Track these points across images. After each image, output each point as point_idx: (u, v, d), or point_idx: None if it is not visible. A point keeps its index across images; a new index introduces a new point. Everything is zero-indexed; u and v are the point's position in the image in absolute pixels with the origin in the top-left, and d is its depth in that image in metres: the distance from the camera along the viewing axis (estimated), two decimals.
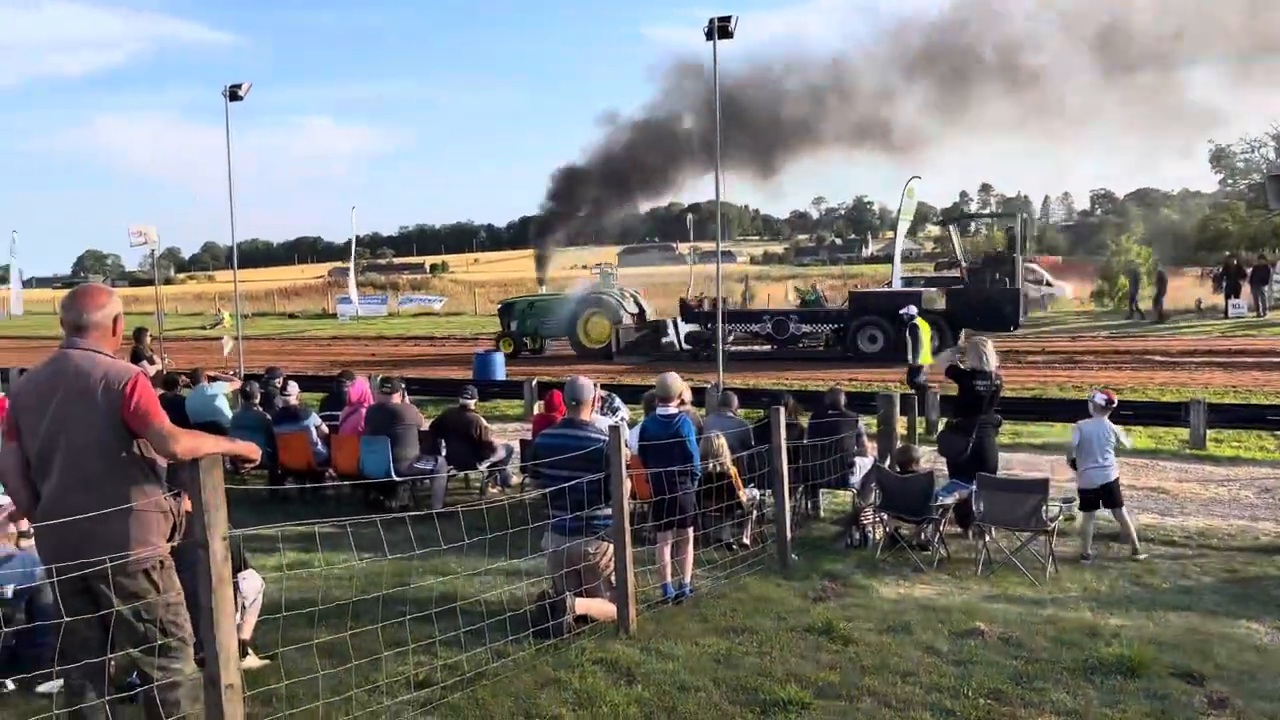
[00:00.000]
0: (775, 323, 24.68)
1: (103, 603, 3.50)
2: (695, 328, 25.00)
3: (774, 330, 24.63)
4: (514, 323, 28.21)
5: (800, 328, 24.19)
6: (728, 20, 13.69)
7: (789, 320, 24.61)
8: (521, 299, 30.50)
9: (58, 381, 3.52)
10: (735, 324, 25.06)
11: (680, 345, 25.21)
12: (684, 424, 6.63)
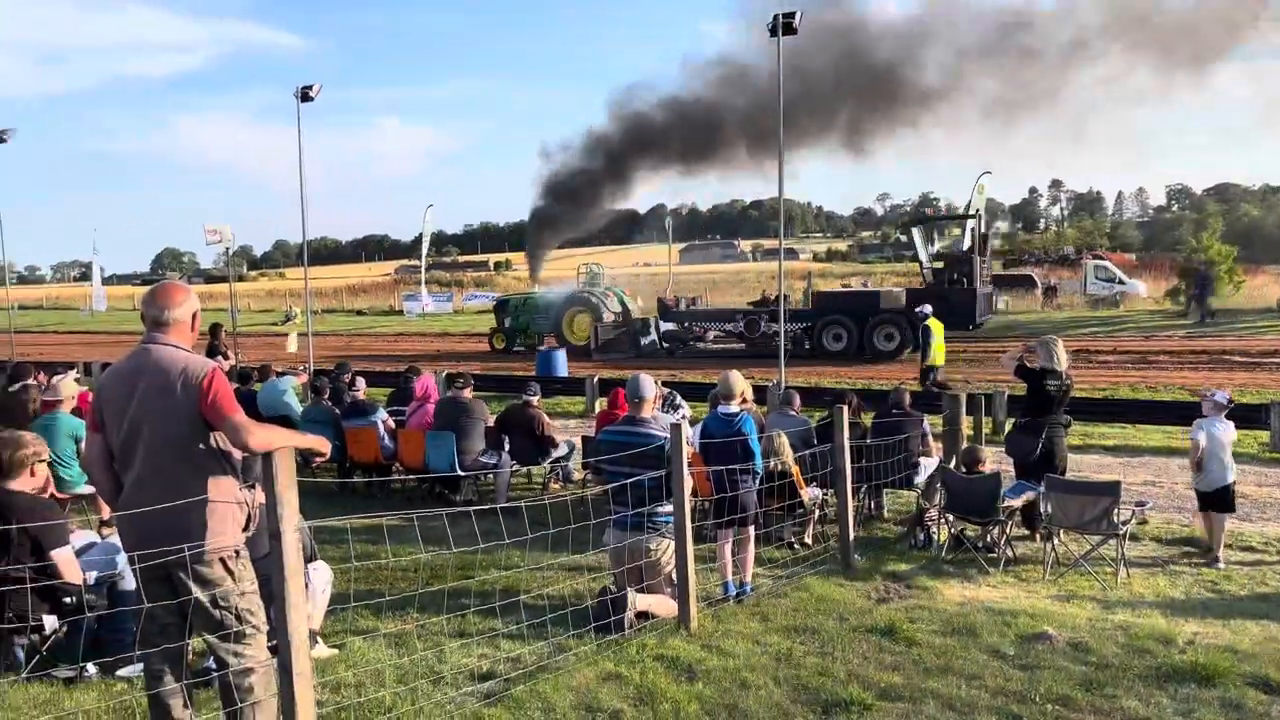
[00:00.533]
0: (747, 322, 25.67)
1: (181, 590, 3.62)
2: (673, 326, 26.31)
3: (746, 329, 25.62)
4: (508, 320, 29.27)
5: (771, 326, 24.50)
6: (792, 16, 13.59)
7: (760, 319, 25.40)
8: (515, 297, 31.62)
9: (139, 375, 3.64)
10: (711, 323, 26.42)
11: (659, 343, 26.07)
12: (746, 422, 6.61)
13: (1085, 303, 38.99)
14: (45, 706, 4.51)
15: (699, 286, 58.98)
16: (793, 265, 75.22)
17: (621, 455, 5.89)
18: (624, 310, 28.11)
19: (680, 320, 26.50)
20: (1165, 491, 9.94)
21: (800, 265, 78.39)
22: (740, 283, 53.39)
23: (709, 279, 65.86)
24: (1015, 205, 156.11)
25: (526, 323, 29.01)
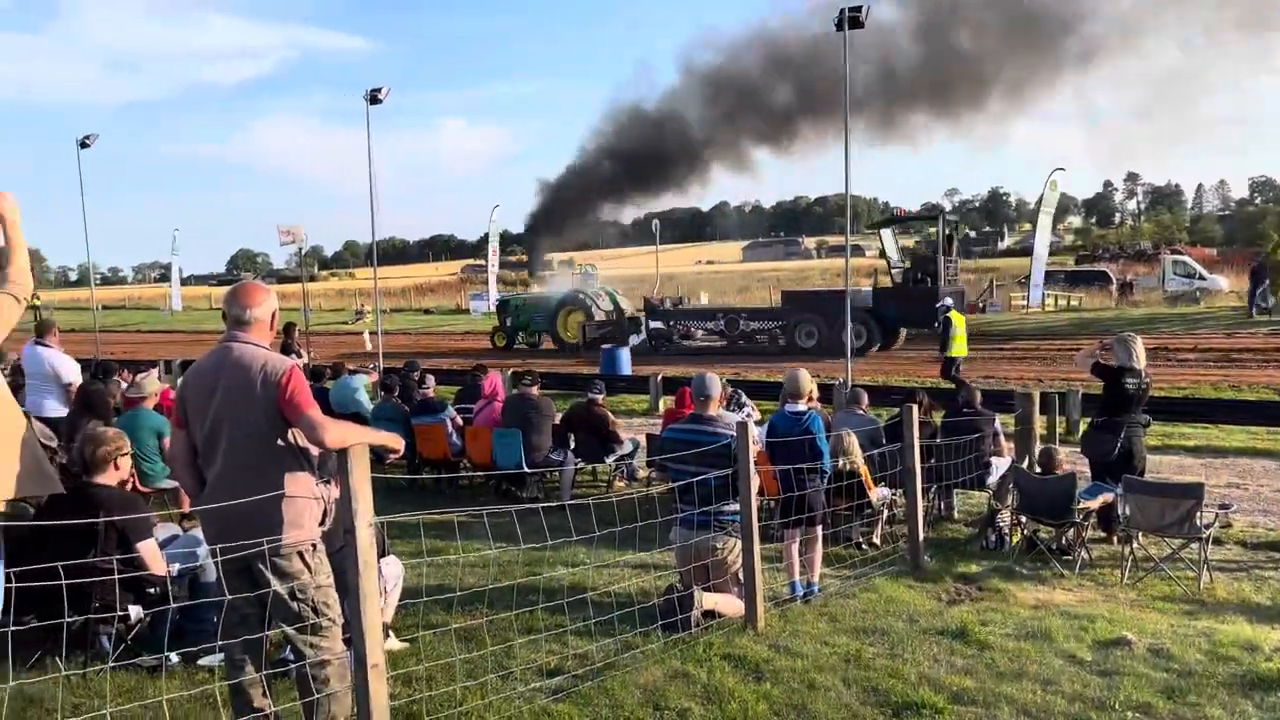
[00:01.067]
0: (727, 320, 26.69)
1: (260, 582, 3.71)
2: (659, 325, 27.34)
3: (725, 327, 26.59)
4: (509, 319, 30.21)
5: (749, 325, 26.19)
6: (859, 10, 13.42)
7: (739, 318, 26.62)
8: (516, 296, 32.53)
9: (221, 373, 3.74)
10: (694, 321, 27.63)
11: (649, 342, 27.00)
12: (814, 421, 6.56)
13: (1163, 299, 37.87)
14: (131, 694, 4.66)
15: (762, 285, 58.62)
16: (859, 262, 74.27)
17: (688, 454, 5.88)
18: (617, 309, 28.93)
19: (666, 319, 27.58)
20: (1250, 494, 9.60)
21: (866, 262, 77.46)
22: (804, 280, 52.93)
23: (772, 276, 65.39)
24: (1089, 199, 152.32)
25: (526, 321, 30.00)
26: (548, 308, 29.41)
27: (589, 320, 27.98)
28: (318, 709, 3.79)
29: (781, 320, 25.84)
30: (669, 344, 26.96)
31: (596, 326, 27.77)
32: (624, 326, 27.67)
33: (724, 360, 23.61)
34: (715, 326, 26.92)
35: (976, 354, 23.39)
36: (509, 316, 30.30)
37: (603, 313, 28.47)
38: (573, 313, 28.61)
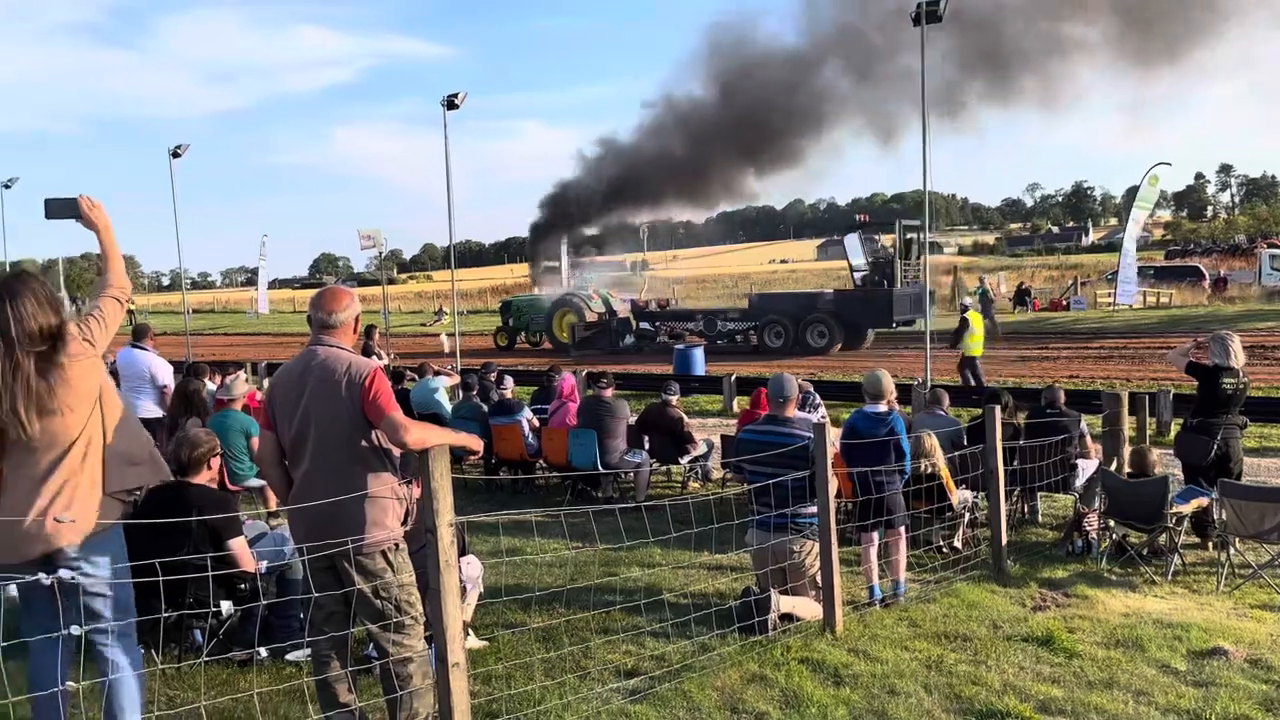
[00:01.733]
0: (706, 321, 27.96)
1: (345, 580, 3.80)
2: (646, 326, 28.83)
3: (705, 327, 27.76)
4: (511, 320, 31.52)
5: (725, 325, 27.46)
6: (937, 3, 13.18)
7: (716, 319, 27.83)
8: (518, 299, 33.79)
9: (307, 376, 3.84)
10: (676, 322, 28.77)
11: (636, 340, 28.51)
12: (897, 422, 6.47)
13: (1260, 295, 36.35)
14: (223, 687, 4.81)
15: (838, 283, 57.93)
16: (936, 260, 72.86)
17: (765, 455, 5.84)
18: (609, 311, 29.91)
19: (651, 320, 29.05)
20: None
21: (944, 259, 75.94)
22: None
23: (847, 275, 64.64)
24: (1179, 192, 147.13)
25: (526, 322, 31.19)
26: (545, 309, 30.66)
27: (580, 321, 29.11)
28: (401, 706, 3.86)
29: (753, 321, 26.88)
30: (652, 343, 28.19)
31: (585, 327, 28.97)
32: (613, 328, 28.94)
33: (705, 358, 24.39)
34: (696, 327, 28.05)
35: (1060, 352, 22.78)
36: (511, 318, 31.55)
37: (595, 314, 29.54)
38: (566, 314, 29.68)
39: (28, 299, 3.38)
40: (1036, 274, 58.50)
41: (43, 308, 3.40)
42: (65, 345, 3.44)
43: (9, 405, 3.32)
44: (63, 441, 3.43)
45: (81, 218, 3.69)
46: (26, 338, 3.35)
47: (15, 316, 3.34)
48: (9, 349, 3.33)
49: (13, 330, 3.33)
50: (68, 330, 3.47)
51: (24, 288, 3.40)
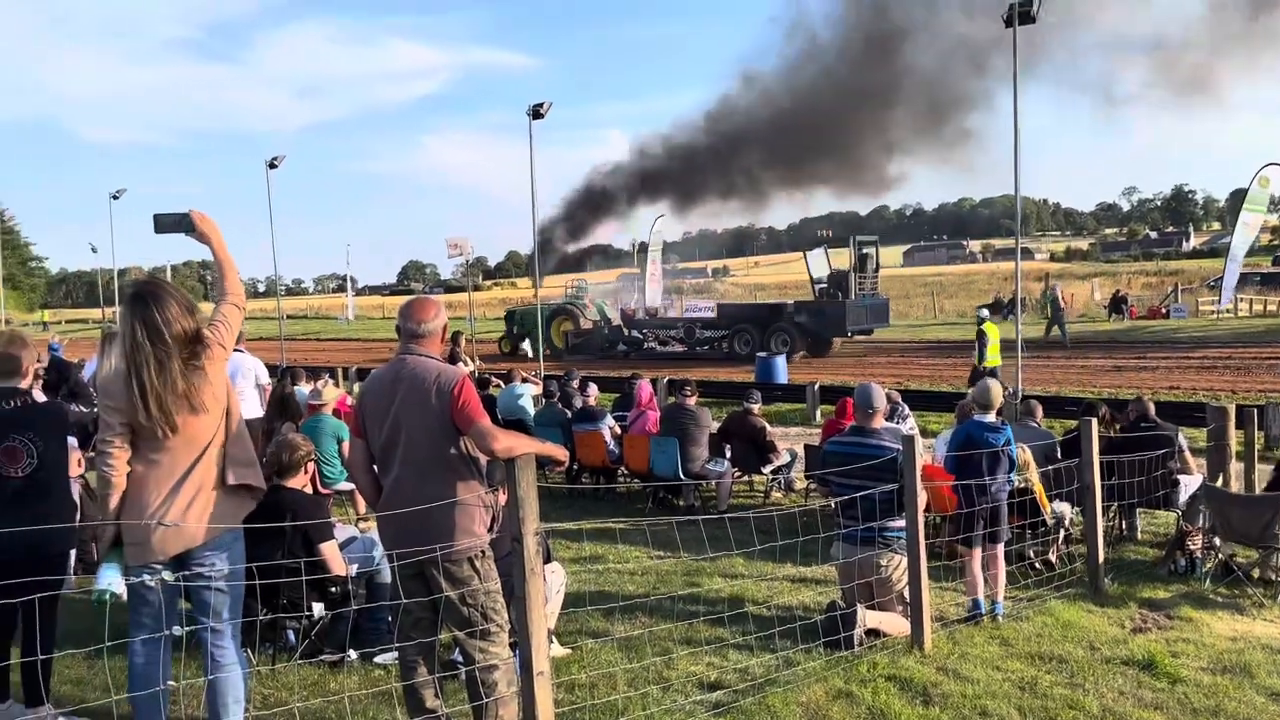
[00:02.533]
0: (685, 329, 29.71)
1: (434, 587, 3.85)
2: (635, 333, 30.61)
3: (684, 335, 29.55)
4: (514, 327, 33.24)
5: (703, 333, 29.05)
6: (1030, 4, 12.83)
7: (695, 327, 29.52)
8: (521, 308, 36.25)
9: (398, 384, 3.91)
10: (661, 330, 30.60)
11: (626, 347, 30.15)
12: (1009, 433, 6.33)
13: None
14: (314, 688, 4.92)
15: (924, 290, 56.87)
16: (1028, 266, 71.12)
17: (851, 468, 5.74)
18: (604, 319, 32.28)
19: (639, 328, 31.00)
20: None
21: (1036, 265, 74.04)
22: (968, 285, 50.92)
23: (935, 281, 63.37)
24: None
25: (528, 329, 32.06)
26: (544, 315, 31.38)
27: (574, 329, 31.25)
28: (486, 712, 3.89)
29: (725, 330, 28.62)
30: (639, 349, 30.25)
31: (577, 334, 31.11)
32: (603, 334, 30.89)
33: (681, 363, 26.78)
34: (677, 334, 29.96)
35: (1159, 362, 21.96)
36: (514, 325, 33.37)
37: (590, 322, 31.86)
38: (563, 322, 31.79)
39: (171, 303, 3.56)
40: (1133, 281, 56.53)
41: (184, 311, 3.58)
42: (207, 348, 3.61)
43: (157, 404, 3.48)
44: (200, 441, 3.61)
45: (192, 231, 3.82)
46: (173, 340, 3.52)
47: (164, 320, 3.51)
48: (157, 350, 3.49)
49: (163, 333, 3.50)
50: (204, 333, 3.63)
51: (166, 293, 3.59)
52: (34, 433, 4.16)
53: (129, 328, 3.53)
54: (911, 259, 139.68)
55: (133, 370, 3.49)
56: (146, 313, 3.52)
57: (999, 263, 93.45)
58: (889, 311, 28.20)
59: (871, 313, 27.56)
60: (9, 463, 4.06)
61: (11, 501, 4.08)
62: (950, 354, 26.39)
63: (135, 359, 3.49)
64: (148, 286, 3.61)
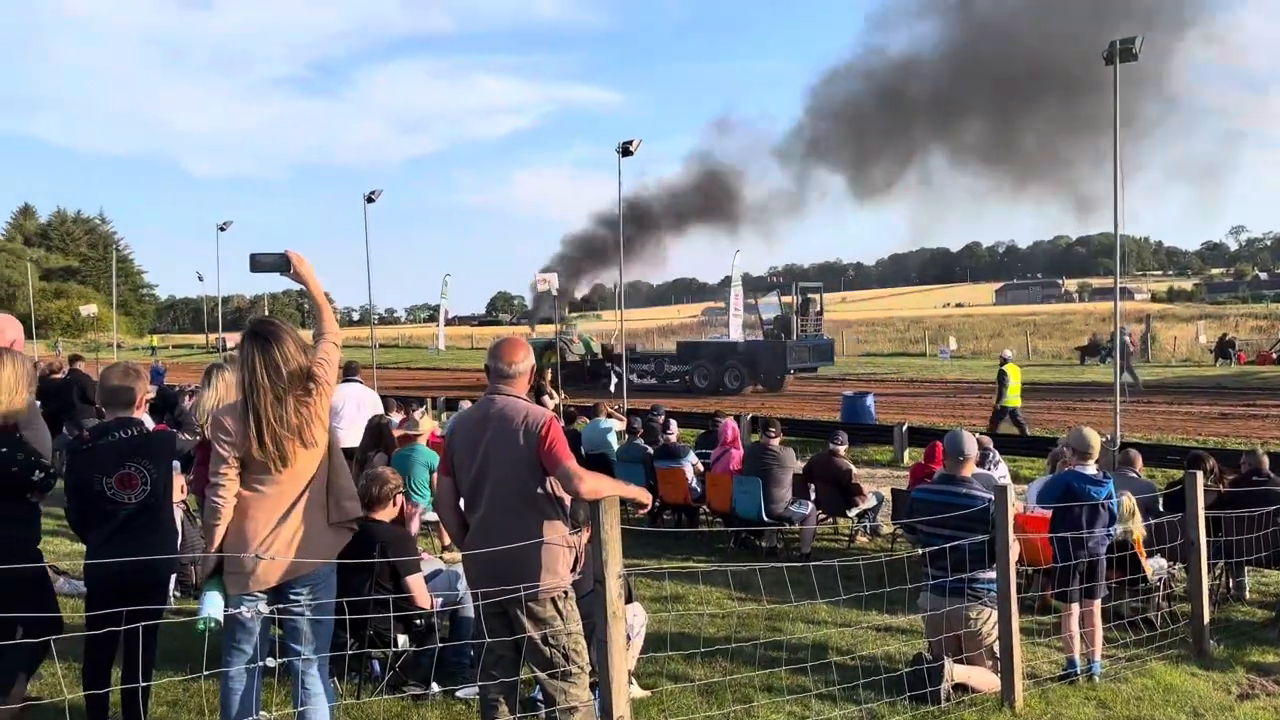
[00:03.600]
0: (656, 364, 32.53)
1: (517, 626, 3.87)
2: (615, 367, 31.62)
3: (655, 369, 32.28)
4: None
5: (670, 368, 31.86)
6: (1131, 42, 12.51)
7: (664, 362, 32.48)
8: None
9: (486, 423, 3.97)
10: (639, 365, 32.32)
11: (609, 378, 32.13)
12: (1111, 486, 6.12)
13: None
14: (397, 719, 4.98)
15: (1018, 329, 55.41)
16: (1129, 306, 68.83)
17: (941, 517, 5.60)
18: (589, 353, 35.38)
19: (618, 361, 31.64)
20: None
21: (1136, 306, 71.56)
22: (1063, 325, 49.41)
23: (1028, 321, 61.74)
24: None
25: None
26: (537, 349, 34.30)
27: (561, 361, 32.84)
28: None
29: (687, 365, 31.44)
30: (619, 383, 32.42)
31: (562, 367, 32.77)
32: (587, 367, 34.04)
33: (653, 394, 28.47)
34: (649, 368, 32.53)
35: (1270, 410, 20.98)
36: None
37: (576, 356, 34.54)
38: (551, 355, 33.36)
39: (288, 341, 3.74)
40: (1241, 324, 54.19)
41: (299, 350, 3.75)
42: (317, 385, 3.77)
43: (271, 437, 3.65)
44: (306, 475, 3.77)
45: (288, 271, 3.97)
46: (289, 377, 3.69)
47: (281, 357, 3.69)
48: (274, 386, 3.66)
49: (280, 369, 3.68)
50: (315, 371, 3.79)
51: (283, 332, 3.77)
52: (148, 460, 4.34)
53: (248, 363, 3.70)
54: (1004, 297, 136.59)
55: (249, 404, 3.66)
56: (265, 350, 3.69)
57: (1096, 302, 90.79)
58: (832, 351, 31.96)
59: (814, 352, 30.89)
60: (123, 489, 4.24)
61: (123, 527, 4.25)
62: (1045, 397, 25.67)
63: (252, 394, 3.66)
64: (266, 325, 3.79)
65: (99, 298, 78.73)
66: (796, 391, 29.93)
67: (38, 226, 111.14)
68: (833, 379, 32.89)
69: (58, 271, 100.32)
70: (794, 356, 30.11)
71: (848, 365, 40.26)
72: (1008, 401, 17.76)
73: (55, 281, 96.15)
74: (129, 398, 4.49)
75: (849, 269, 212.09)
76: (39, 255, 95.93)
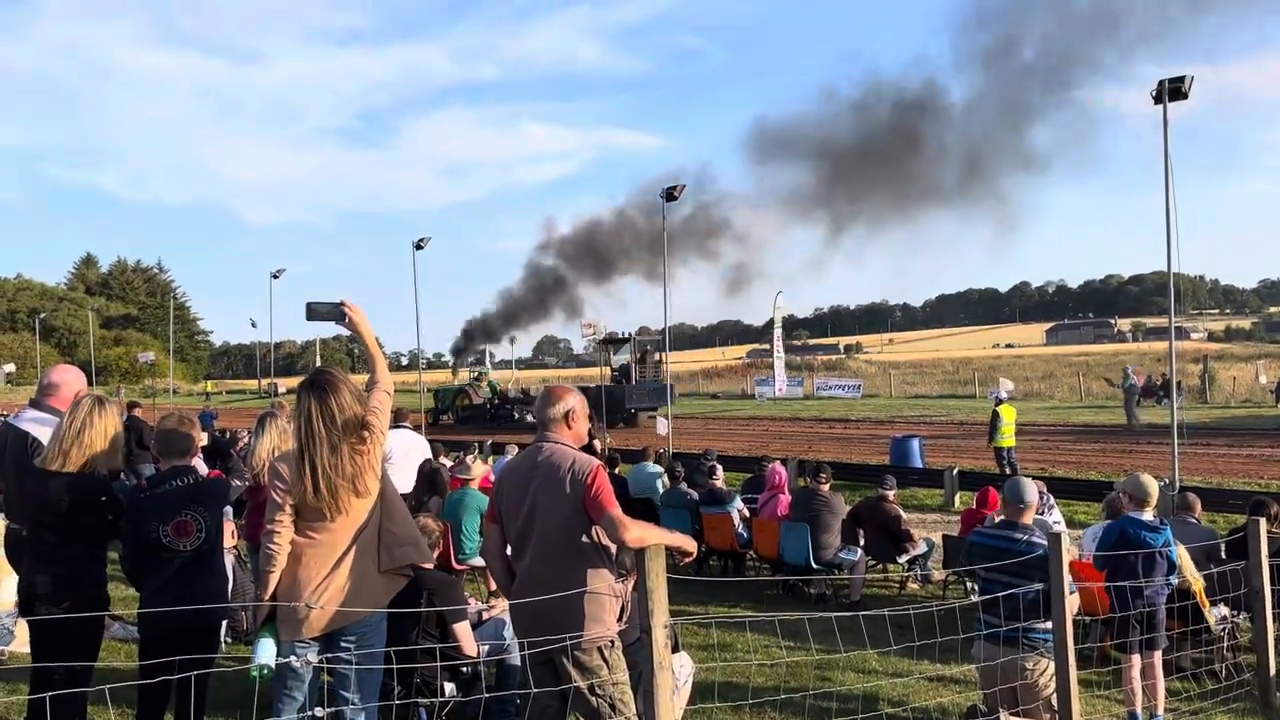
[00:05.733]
0: None
1: (563, 675, 3.85)
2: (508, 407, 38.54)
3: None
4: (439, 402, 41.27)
5: None
6: (1180, 81, 12.41)
7: None
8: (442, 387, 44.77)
9: (534, 472, 3.99)
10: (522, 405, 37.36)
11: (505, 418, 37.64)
12: (1169, 534, 5.98)
13: None
14: None
15: (1069, 369, 54.36)
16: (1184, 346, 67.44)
17: (1000, 565, 5.48)
18: (494, 396, 40.91)
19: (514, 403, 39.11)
20: None
21: (1192, 345, 70.07)
22: (1116, 365, 48.36)
23: (1080, 361, 60.66)
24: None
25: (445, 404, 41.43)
26: (451, 393, 41.95)
27: (469, 403, 39.99)
28: None
29: None
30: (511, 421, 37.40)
31: (467, 408, 39.91)
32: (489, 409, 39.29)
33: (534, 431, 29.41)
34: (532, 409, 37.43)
35: None
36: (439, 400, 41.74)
37: (480, 397, 40.30)
38: (460, 398, 40.93)
39: (344, 391, 3.83)
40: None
41: (355, 400, 3.84)
42: (371, 434, 3.85)
43: (326, 485, 3.72)
44: (358, 522, 3.83)
45: (343, 321, 4.06)
46: (344, 426, 3.77)
47: (337, 406, 3.78)
48: (330, 435, 3.75)
49: (336, 419, 3.76)
50: (370, 420, 3.87)
51: (340, 382, 3.86)
52: (203, 507, 4.42)
53: (304, 413, 3.79)
54: (1055, 337, 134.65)
55: (305, 453, 3.74)
56: (322, 399, 3.77)
57: (1150, 342, 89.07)
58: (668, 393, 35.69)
59: (652, 394, 36.16)
60: (178, 537, 4.31)
61: (177, 574, 4.31)
62: (1099, 439, 25.16)
63: (309, 442, 3.74)
64: (323, 375, 3.89)
65: (156, 344, 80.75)
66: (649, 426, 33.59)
67: (99, 276, 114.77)
68: (880, 422, 32.56)
69: (117, 319, 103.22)
70: (633, 398, 36.42)
71: (895, 407, 39.82)
72: (1000, 442, 17.77)
73: (115, 329, 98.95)
74: (184, 446, 4.59)
75: (895, 310, 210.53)
76: (100, 304, 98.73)
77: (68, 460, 4.22)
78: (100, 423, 4.32)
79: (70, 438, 4.24)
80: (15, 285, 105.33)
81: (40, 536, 4.30)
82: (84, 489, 4.24)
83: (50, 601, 4.16)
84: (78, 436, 4.24)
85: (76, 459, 4.23)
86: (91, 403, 4.37)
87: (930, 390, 49.40)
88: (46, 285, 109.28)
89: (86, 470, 4.26)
